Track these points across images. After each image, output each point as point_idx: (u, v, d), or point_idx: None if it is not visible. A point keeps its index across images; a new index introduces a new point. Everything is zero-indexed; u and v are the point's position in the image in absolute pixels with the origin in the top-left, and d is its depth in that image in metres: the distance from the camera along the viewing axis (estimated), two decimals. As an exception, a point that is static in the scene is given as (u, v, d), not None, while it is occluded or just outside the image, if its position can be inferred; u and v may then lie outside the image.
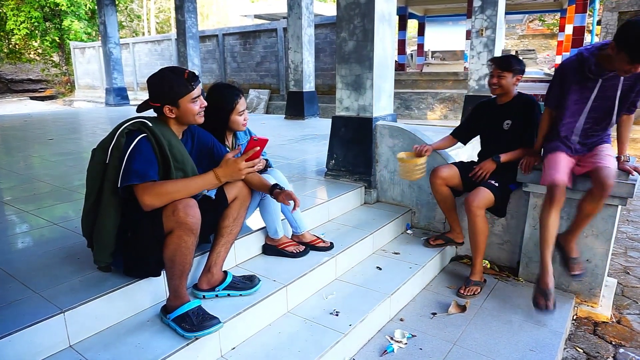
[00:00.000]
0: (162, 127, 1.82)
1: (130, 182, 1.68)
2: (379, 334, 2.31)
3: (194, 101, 1.83)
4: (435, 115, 11.29)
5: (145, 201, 1.67)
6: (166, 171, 1.79)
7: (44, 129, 7.12)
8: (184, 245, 1.72)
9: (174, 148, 1.81)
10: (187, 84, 1.80)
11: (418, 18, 17.90)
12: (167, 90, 1.79)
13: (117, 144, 1.74)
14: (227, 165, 1.80)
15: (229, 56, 14.42)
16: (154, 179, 1.72)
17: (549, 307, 2.38)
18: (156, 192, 1.68)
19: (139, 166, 1.69)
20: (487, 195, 2.68)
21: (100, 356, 1.65)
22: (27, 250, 2.27)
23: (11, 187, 3.54)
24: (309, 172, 3.92)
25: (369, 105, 3.42)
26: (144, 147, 1.73)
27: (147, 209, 1.69)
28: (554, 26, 23.49)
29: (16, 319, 1.61)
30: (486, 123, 2.95)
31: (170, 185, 1.73)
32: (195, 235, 1.74)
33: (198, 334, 1.75)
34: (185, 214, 1.68)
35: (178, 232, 1.70)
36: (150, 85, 1.82)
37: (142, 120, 1.79)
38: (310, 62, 7.86)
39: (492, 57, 2.90)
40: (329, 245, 2.61)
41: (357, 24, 3.33)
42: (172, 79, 1.79)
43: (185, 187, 1.76)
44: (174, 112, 1.82)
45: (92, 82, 19.13)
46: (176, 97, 1.79)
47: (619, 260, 3.52)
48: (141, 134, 1.75)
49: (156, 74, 1.82)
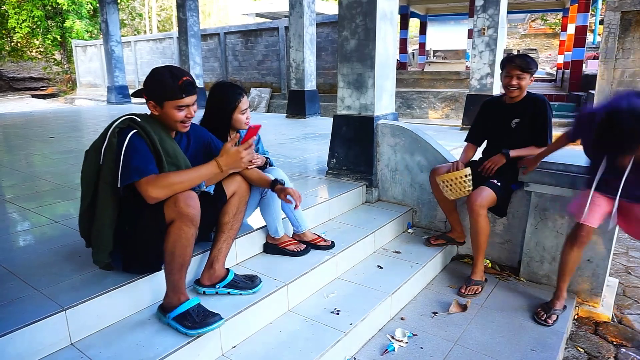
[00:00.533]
0: (153, 122, 1.83)
1: (131, 179, 1.68)
2: (379, 333, 2.31)
3: (180, 109, 1.80)
4: (436, 114, 11.28)
5: (151, 194, 1.67)
6: (159, 165, 1.79)
7: (46, 127, 7.13)
8: (184, 236, 1.72)
9: (165, 142, 1.82)
10: (179, 91, 1.76)
11: (420, 17, 17.89)
12: (156, 88, 1.78)
13: (110, 145, 1.74)
14: (227, 154, 1.80)
15: (231, 55, 14.42)
16: (155, 172, 1.72)
17: (548, 322, 2.41)
18: (161, 184, 1.69)
19: (137, 162, 1.69)
20: (489, 195, 2.66)
21: (102, 354, 1.65)
22: (28, 248, 2.28)
23: (13, 185, 3.54)
24: (310, 170, 3.92)
25: (370, 104, 3.41)
26: (138, 142, 1.73)
27: (152, 202, 1.69)
28: (556, 25, 23.45)
29: (18, 317, 1.61)
30: (494, 121, 2.88)
31: (174, 177, 1.73)
32: (195, 227, 1.74)
33: (201, 331, 1.75)
34: (186, 204, 1.69)
35: (178, 223, 1.70)
36: (146, 78, 1.82)
37: (131, 117, 1.79)
38: (311, 60, 7.85)
39: (510, 57, 2.71)
40: (330, 244, 2.61)
41: (359, 22, 3.32)
42: (166, 80, 1.76)
43: (189, 177, 1.76)
44: (157, 111, 1.81)
45: (94, 80, 19.15)
46: (162, 98, 1.78)
47: (620, 260, 3.51)
48: (132, 130, 1.75)
49: (158, 69, 1.82)
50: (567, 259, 2.43)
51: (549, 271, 2.82)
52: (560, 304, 2.49)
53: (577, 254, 2.41)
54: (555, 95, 11.59)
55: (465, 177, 2.71)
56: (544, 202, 2.77)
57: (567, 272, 2.47)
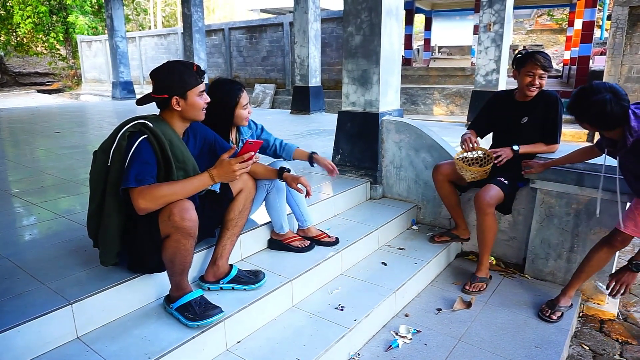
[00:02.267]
0: (164, 125, 1.80)
1: (128, 184, 1.65)
2: (383, 329, 2.32)
3: (201, 95, 1.83)
4: (441, 110, 11.23)
5: (140, 205, 1.64)
6: (167, 171, 1.78)
7: (51, 123, 7.16)
8: (182, 248, 1.72)
9: (175, 147, 1.79)
10: (197, 76, 1.80)
11: (425, 12, 17.77)
12: (177, 80, 1.77)
13: (119, 147, 1.73)
14: (221, 166, 1.77)
15: (235, 50, 14.40)
16: (151, 183, 1.69)
17: (552, 318, 2.40)
18: (151, 195, 1.65)
19: (137, 170, 1.67)
20: (497, 193, 2.63)
21: (108, 348, 1.67)
22: (34, 242, 2.29)
23: (18, 179, 3.56)
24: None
25: (375, 100, 3.40)
26: (145, 149, 1.71)
27: (141, 213, 1.67)
28: (562, 21, 23.24)
29: (25, 310, 1.63)
30: (503, 117, 2.82)
31: (166, 188, 1.69)
32: (193, 238, 1.73)
33: (201, 323, 1.77)
34: (181, 218, 1.67)
35: (176, 237, 1.69)
36: (157, 76, 1.79)
37: (143, 121, 1.77)
38: (316, 56, 7.83)
39: (533, 55, 2.60)
40: (334, 240, 2.61)
41: (364, 18, 3.31)
42: (182, 70, 1.79)
43: (182, 189, 1.73)
44: (181, 105, 1.80)
45: (99, 76, 19.19)
46: (185, 88, 1.78)
47: (626, 258, 3.48)
48: (142, 135, 1.73)
49: (163, 65, 1.81)
50: (592, 257, 2.38)
51: (554, 268, 2.82)
52: (566, 301, 2.47)
53: (604, 256, 2.35)
54: (561, 92, 11.49)
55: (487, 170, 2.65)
56: (550, 199, 2.76)
57: (587, 271, 2.41)
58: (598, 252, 2.36)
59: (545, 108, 2.67)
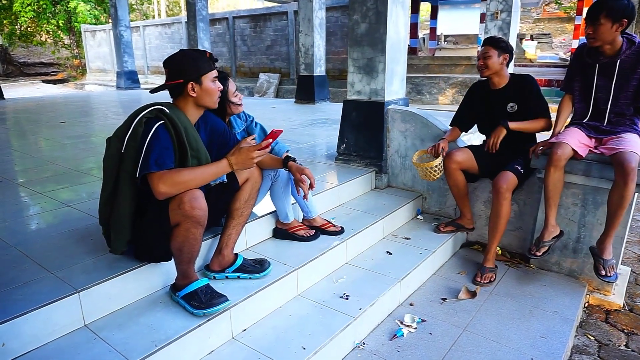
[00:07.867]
0: (179, 112, 1.81)
1: (149, 170, 1.65)
2: (388, 318, 2.32)
3: (214, 81, 1.85)
4: (447, 100, 11.14)
5: (160, 189, 1.65)
6: (182, 159, 1.78)
7: (56, 112, 7.17)
8: (191, 237, 1.72)
9: (189, 135, 1.80)
10: (210, 61, 1.83)
11: (431, 1, 17.54)
12: (192, 64, 1.78)
13: (134, 134, 1.72)
14: (239, 152, 1.80)
15: (239, 39, 14.32)
16: (171, 167, 1.71)
17: (537, 255, 2.52)
18: (172, 180, 1.66)
19: (158, 154, 1.67)
20: (514, 179, 2.64)
21: (114, 336, 1.68)
22: (41, 231, 2.31)
23: (25, 169, 3.58)
24: (320, 156, 3.90)
25: (380, 89, 3.37)
26: (163, 135, 1.71)
27: (160, 198, 1.67)
28: (570, 9, 22.88)
29: (33, 298, 1.64)
30: (486, 109, 2.85)
31: (187, 174, 1.71)
32: (202, 227, 1.74)
33: (207, 311, 1.78)
34: (192, 207, 1.67)
35: (185, 225, 1.70)
36: (171, 63, 1.81)
37: (160, 107, 1.77)
38: (321, 45, 7.77)
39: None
40: (339, 230, 2.61)
41: (370, 6, 3.26)
42: (196, 56, 1.81)
43: (201, 174, 1.75)
44: (196, 91, 1.80)
45: (103, 66, 19.17)
46: (200, 72, 1.79)
47: (633, 249, 3.47)
48: (159, 121, 1.73)
49: (177, 53, 1.84)
50: (547, 183, 2.48)
51: (559, 259, 2.80)
52: (549, 235, 2.55)
53: (554, 174, 2.44)
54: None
55: (435, 167, 2.80)
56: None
57: (551, 197, 2.50)
58: (547, 177, 2.47)
59: (522, 90, 2.73)
